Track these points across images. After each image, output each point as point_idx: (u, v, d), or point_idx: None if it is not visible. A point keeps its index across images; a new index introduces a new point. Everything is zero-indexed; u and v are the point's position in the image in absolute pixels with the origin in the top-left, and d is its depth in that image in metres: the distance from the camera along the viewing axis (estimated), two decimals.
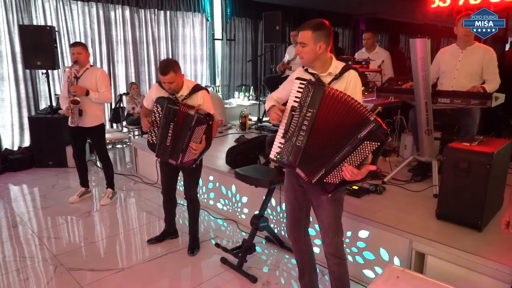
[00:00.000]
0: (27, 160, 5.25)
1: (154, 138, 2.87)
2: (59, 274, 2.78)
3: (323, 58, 1.99)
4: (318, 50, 1.94)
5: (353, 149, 1.81)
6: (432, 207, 2.71)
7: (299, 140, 1.93)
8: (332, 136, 1.86)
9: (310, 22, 1.96)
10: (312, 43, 1.93)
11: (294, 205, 2.23)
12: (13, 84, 5.33)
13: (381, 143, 1.77)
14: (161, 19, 6.82)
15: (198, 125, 2.71)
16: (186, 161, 2.79)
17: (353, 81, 1.99)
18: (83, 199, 4.15)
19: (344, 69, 1.99)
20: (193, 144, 2.73)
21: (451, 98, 3.07)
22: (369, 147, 1.79)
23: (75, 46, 3.78)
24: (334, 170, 1.87)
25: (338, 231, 2.11)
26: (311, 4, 8.64)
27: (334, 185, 1.89)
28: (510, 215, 1.67)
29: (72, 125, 3.81)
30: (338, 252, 2.14)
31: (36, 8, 5.39)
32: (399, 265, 2.43)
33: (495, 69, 3.25)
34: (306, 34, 1.94)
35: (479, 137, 2.69)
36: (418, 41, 2.92)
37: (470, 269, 2.16)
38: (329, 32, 1.96)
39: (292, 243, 2.34)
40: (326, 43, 1.95)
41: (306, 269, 2.36)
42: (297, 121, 1.93)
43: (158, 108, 2.79)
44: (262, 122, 6.20)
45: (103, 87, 3.81)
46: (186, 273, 2.88)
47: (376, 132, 1.77)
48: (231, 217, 3.74)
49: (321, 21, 1.96)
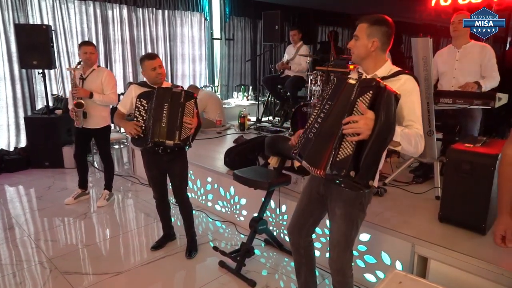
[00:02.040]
0: (23, 160, 5.19)
1: (140, 132, 2.78)
2: (54, 278, 2.73)
3: (376, 57, 1.82)
4: (371, 47, 1.78)
5: (351, 112, 1.62)
6: (434, 210, 2.66)
7: (312, 132, 1.78)
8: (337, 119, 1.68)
9: (369, 15, 1.81)
10: (366, 37, 1.78)
11: (305, 210, 2.11)
12: (9, 84, 5.27)
13: (373, 91, 1.57)
14: (159, 18, 6.76)
15: (187, 100, 2.73)
16: (183, 139, 2.72)
17: (408, 88, 1.74)
18: (78, 201, 4.09)
19: (397, 72, 1.79)
20: (187, 119, 2.71)
21: (453, 98, 3.03)
22: (364, 100, 1.59)
23: (89, 45, 3.69)
24: (342, 143, 1.60)
25: (346, 250, 1.95)
26: (310, 4, 8.59)
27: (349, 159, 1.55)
28: (507, 227, 1.51)
29: (77, 125, 3.77)
30: (342, 270, 1.99)
31: (32, 7, 5.32)
32: (401, 269, 2.38)
33: (494, 66, 3.22)
34: (361, 27, 1.81)
35: (482, 138, 2.64)
36: (419, 41, 2.88)
37: (474, 274, 2.11)
38: (389, 30, 1.79)
39: (290, 244, 2.26)
40: (381, 41, 1.78)
41: (302, 271, 2.28)
42: (316, 114, 1.80)
43: (142, 102, 2.77)
44: (261, 123, 6.16)
45: (109, 89, 3.75)
46: (183, 277, 2.83)
47: (362, 86, 1.62)
48: (229, 219, 3.68)
49: (382, 17, 1.81)
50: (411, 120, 1.76)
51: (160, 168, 2.92)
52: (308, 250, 2.23)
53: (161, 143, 2.72)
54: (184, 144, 2.74)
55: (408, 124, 1.76)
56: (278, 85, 6.21)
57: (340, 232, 1.92)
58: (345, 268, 1.99)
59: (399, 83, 1.75)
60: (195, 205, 3.72)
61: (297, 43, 5.91)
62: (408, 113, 1.76)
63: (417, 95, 1.78)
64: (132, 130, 2.71)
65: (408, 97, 1.74)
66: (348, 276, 2.02)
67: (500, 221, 1.54)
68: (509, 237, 1.51)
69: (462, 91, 3.09)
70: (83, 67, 3.73)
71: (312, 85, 5.09)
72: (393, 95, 1.60)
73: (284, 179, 2.81)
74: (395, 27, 1.85)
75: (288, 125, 5.65)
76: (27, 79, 5.45)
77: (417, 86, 1.79)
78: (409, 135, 1.69)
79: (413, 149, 1.72)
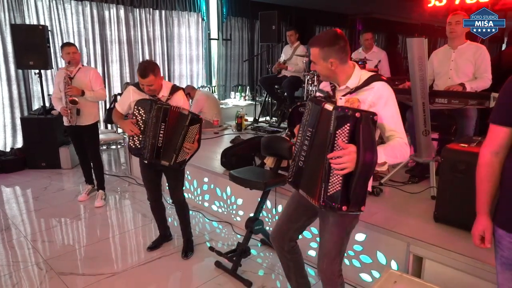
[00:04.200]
0: (20, 161, 5.17)
1: (137, 142, 2.73)
2: (50, 279, 2.72)
3: (341, 71, 1.79)
4: (331, 67, 1.76)
5: (332, 147, 1.62)
6: (430, 209, 2.67)
7: (301, 160, 1.80)
8: (321, 149, 1.70)
9: (319, 38, 1.78)
10: (322, 61, 1.76)
11: (291, 216, 2.08)
12: (5, 84, 5.26)
13: (351, 123, 1.57)
14: (156, 18, 6.76)
15: (191, 124, 2.68)
16: (179, 162, 2.73)
17: (383, 95, 1.73)
18: (90, 197, 4.18)
19: (369, 80, 1.75)
20: (187, 144, 2.69)
21: (448, 99, 3.04)
22: (343, 134, 1.59)
23: (70, 46, 3.79)
24: (330, 177, 1.64)
25: (336, 260, 1.90)
26: (307, 4, 8.60)
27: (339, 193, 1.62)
28: (485, 228, 1.52)
29: (68, 124, 3.82)
30: (330, 280, 1.93)
31: (29, 7, 5.32)
32: (397, 269, 2.39)
33: (487, 67, 3.23)
34: (313, 52, 1.78)
35: (477, 138, 2.65)
36: (415, 41, 2.88)
37: (469, 273, 2.12)
38: (342, 45, 1.74)
39: (274, 248, 2.22)
40: (338, 57, 1.74)
41: (291, 274, 2.25)
42: (300, 141, 1.83)
43: (140, 111, 2.69)
44: (258, 123, 6.16)
45: (97, 86, 3.85)
46: (179, 277, 2.83)
47: (338, 117, 1.59)
48: (226, 219, 3.68)
49: (330, 34, 1.76)
50: (392, 130, 1.76)
51: (156, 169, 2.91)
52: (292, 253, 2.17)
53: (156, 162, 2.74)
54: (179, 166, 2.77)
55: (390, 135, 1.77)
56: (275, 85, 6.21)
57: (332, 241, 1.88)
58: (334, 277, 1.93)
59: (373, 92, 1.74)
60: (192, 205, 3.72)
61: (294, 44, 5.91)
62: (389, 123, 1.75)
63: (393, 101, 1.76)
64: (130, 130, 2.70)
65: (385, 107, 1.73)
66: (337, 284, 1.96)
67: (478, 222, 1.55)
68: (488, 238, 1.52)
69: (457, 91, 3.10)
70: (72, 67, 3.78)
71: (309, 85, 5.10)
72: (370, 119, 1.60)
73: (280, 179, 2.81)
74: (392, 26, 1.85)
75: (285, 125, 5.65)
76: (24, 80, 5.45)
77: (391, 91, 1.77)
78: (393, 149, 1.71)
79: (399, 160, 1.75)
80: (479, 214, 1.56)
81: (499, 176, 1.47)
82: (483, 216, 1.53)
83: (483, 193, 1.51)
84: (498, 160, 1.45)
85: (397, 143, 1.73)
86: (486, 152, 1.48)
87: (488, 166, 1.47)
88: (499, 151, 1.44)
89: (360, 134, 1.57)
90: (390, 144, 1.72)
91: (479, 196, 1.54)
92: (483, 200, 1.52)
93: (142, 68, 2.60)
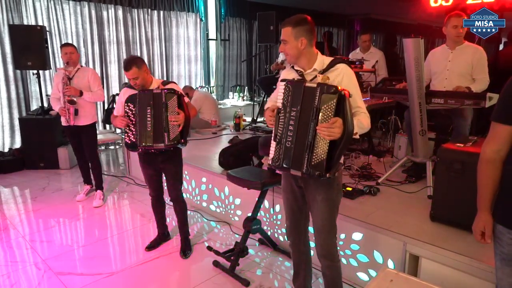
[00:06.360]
0: (18, 162, 5.18)
1: (132, 136, 2.77)
2: (48, 279, 2.73)
3: (308, 53, 1.95)
4: (300, 46, 1.91)
5: (317, 120, 1.79)
6: (426, 209, 2.69)
7: (288, 141, 1.90)
8: (306, 126, 1.85)
9: (290, 19, 1.94)
10: (293, 39, 1.90)
11: (293, 207, 2.19)
12: (3, 85, 5.26)
13: (336, 98, 1.75)
14: (155, 19, 6.77)
15: (168, 98, 2.71)
16: (172, 139, 2.71)
17: (347, 73, 1.94)
18: (89, 197, 4.19)
19: (332, 63, 1.95)
20: (171, 117, 2.69)
21: (445, 99, 3.05)
22: (329, 108, 1.77)
23: (68, 46, 3.81)
24: (314, 148, 1.82)
25: (331, 233, 2.08)
26: (305, 5, 8.62)
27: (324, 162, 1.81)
28: (485, 224, 1.55)
29: (66, 124, 3.83)
30: (330, 254, 2.10)
31: (27, 7, 5.32)
32: (393, 268, 2.40)
33: (484, 68, 3.24)
34: (286, 31, 1.92)
35: (473, 137, 2.67)
36: (411, 41, 2.90)
37: (465, 272, 2.13)
38: (311, 27, 1.93)
39: (290, 244, 2.31)
40: (308, 38, 1.91)
41: (301, 269, 2.32)
42: (283, 122, 1.92)
43: (130, 106, 2.76)
44: (256, 123, 6.17)
45: (96, 86, 3.87)
46: (177, 276, 2.84)
47: (323, 92, 1.77)
48: (224, 219, 3.69)
49: (301, 16, 1.94)
50: (357, 106, 1.95)
51: (155, 167, 2.93)
52: (307, 245, 2.31)
53: (149, 147, 2.74)
54: (177, 142, 2.73)
55: (356, 110, 1.95)
56: (273, 85, 6.20)
57: (323, 216, 2.03)
58: (332, 252, 2.10)
59: (337, 72, 1.93)
60: (190, 205, 3.73)
61: None
62: (354, 100, 1.92)
63: (355, 80, 1.97)
64: (120, 124, 2.76)
65: (349, 85, 1.90)
66: (336, 260, 2.13)
67: (479, 218, 1.58)
68: (488, 233, 1.55)
69: (453, 91, 3.12)
70: (70, 68, 3.80)
71: None
72: (349, 94, 1.80)
73: (278, 179, 2.80)
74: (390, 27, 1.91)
75: None
76: (22, 80, 5.45)
77: (352, 71, 1.98)
78: (361, 122, 1.92)
79: (365, 130, 1.98)
80: (480, 210, 1.58)
81: (499, 173, 1.49)
82: (484, 212, 1.56)
83: (484, 190, 1.54)
84: (499, 157, 1.48)
85: (362, 117, 1.94)
86: (487, 149, 1.51)
87: (489, 163, 1.50)
88: (501, 149, 1.47)
89: (346, 107, 1.77)
90: (359, 119, 1.92)
91: (480, 192, 1.56)
92: (484, 196, 1.54)
93: (125, 61, 2.74)
